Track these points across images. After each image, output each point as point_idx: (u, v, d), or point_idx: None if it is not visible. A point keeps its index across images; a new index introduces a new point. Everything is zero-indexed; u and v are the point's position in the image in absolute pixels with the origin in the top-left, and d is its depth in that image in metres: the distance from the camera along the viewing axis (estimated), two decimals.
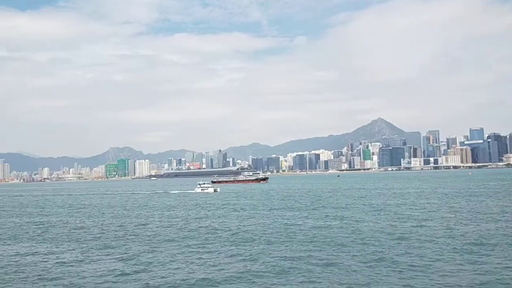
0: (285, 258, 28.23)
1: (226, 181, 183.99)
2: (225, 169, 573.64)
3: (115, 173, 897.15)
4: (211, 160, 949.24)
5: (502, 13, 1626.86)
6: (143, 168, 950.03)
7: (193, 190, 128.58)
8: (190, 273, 25.49)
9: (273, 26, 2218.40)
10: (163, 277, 24.71)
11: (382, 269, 24.88)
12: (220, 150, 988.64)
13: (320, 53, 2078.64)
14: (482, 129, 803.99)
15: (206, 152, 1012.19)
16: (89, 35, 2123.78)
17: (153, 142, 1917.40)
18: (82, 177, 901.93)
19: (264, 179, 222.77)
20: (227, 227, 44.83)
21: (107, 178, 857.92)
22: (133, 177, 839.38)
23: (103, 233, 43.39)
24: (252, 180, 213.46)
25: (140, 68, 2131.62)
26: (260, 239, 36.04)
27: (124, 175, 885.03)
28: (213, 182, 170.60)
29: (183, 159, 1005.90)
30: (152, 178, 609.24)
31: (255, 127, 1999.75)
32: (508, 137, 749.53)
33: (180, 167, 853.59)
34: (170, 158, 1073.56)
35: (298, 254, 29.59)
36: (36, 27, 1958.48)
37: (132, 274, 25.65)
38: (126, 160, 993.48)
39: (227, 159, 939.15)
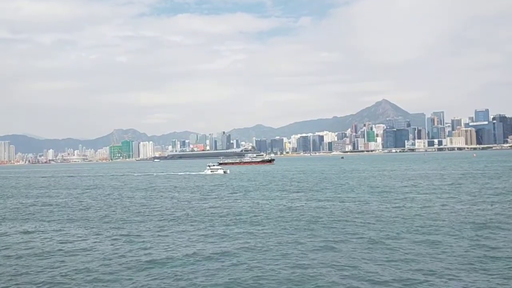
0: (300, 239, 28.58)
1: (232, 163, 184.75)
2: (229, 151, 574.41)
3: (119, 155, 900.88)
4: (215, 142, 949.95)
5: None
6: (147, 150, 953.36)
7: (203, 171, 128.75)
8: (192, 252, 25.88)
9: (277, 6, 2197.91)
10: (168, 257, 25.10)
11: (380, 251, 25.20)
12: (224, 132, 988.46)
13: (324, 34, 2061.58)
14: (487, 111, 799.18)
15: (210, 134, 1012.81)
16: (92, 16, 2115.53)
17: (157, 124, 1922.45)
18: (86, 159, 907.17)
19: (270, 160, 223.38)
20: (244, 208, 45.23)
21: (112, 160, 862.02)
22: (137, 159, 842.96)
23: (126, 213, 43.96)
24: (258, 162, 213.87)
25: (143, 49, 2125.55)
26: (273, 221, 36.42)
27: (128, 157, 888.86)
28: (219, 164, 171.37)
29: (187, 141, 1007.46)
30: (156, 160, 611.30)
31: (259, 108, 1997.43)
32: None
33: (184, 149, 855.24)
34: (174, 140, 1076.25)
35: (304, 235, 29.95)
36: (39, 9, 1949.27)
37: (135, 252, 26.08)
38: (130, 142, 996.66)
39: (231, 141, 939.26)
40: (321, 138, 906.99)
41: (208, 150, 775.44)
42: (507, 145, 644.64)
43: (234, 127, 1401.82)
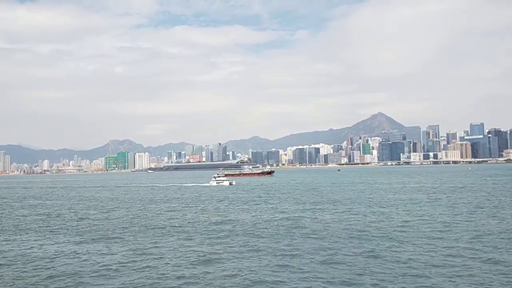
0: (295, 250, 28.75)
1: (232, 175, 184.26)
2: (225, 162, 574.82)
3: (114, 166, 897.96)
4: (211, 153, 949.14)
5: (508, 6, 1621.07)
6: (142, 160, 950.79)
7: (208, 183, 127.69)
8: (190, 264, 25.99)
9: (274, 19, 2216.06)
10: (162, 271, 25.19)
11: (374, 263, 25.41)
12: (220, 143, 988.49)
13: (321, 46, 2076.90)
14: (482, 124, 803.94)
15: (206, 145, 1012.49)
16: (90, 27, 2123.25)
17: (153, 135, 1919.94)
18: (82, 170, 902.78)
19: (270, 172, 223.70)
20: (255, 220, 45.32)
21: (107, 170, 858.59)
22: (132, 169, 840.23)
23: (126, 225, 43.92)
24: (258, 174, 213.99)
25: (140, 60, 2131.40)
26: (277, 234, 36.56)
27: (124, 168, 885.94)
28: (225, 175, 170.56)
29: (183, 152, 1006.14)
30: (149, 171, 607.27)
31: (255, 120, 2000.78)
32: (508, 132, 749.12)
33: (180, 160, 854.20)
34: (170, 151, 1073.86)
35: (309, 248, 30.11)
36: (38, 19, 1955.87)
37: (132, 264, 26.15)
38: (126, 153, 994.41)
39: (227, 152, 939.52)
40: (317, 150, 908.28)
41: (204, 161, 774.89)
42: (502, 159, 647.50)
43: (230, 139, 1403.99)
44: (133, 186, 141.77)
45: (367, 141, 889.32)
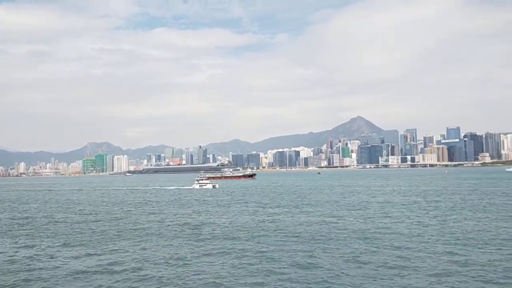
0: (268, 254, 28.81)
1: (214, 177, 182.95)
2: (205, 165, 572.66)
3: (92, 169, 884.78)
4: (191, 156, 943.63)
5: (485, 12, 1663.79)
6: (121, 163, 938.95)
7: (191, 186, 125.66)
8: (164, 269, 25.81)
9: (254, 22, 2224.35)
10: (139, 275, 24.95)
11: (351, 266, 25.68)
12: (200, 146, 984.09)
13: (301, 50, 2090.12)
14: (458, 128, 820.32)
15: (186, 148, 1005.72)
16: (69, 28, 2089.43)
17: (133, 137, 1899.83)
18: (59, 173, 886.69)
19: (251, 175, 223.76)
20: (233, 223, 45.15)
21: (85, 173, 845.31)
22: (111, 172, 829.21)
23: (118, 227, 43.23)
24: (240, 177, 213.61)
25: (120, 62, 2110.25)
26: (255, 235, 36.55)
27: (102, 171, 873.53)
28: (207, 178, 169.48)
29: (162, 155, 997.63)
30: (128, 174, 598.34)
31: (236, 123, 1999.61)
32: (484, 136, 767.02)
33: (159, 163, 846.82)
34: (149, 154, 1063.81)
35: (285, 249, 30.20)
36: (16, 20, 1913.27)
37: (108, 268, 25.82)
38: (104, 156, 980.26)
39: (207, 155, 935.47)
40: (297, 153, 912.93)
41: (184, 164, 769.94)
42: (478, 162, 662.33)
43: (211, 142, 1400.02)
44: (111, 189, 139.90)
45: (346, 144, 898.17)
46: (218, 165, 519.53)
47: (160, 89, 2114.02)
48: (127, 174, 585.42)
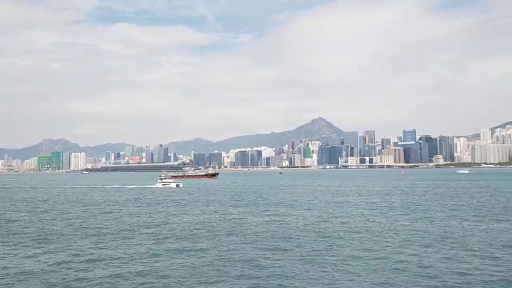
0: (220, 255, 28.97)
1: (176, 176, 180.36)
2: (165, 164, 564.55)
3: (48, 166, 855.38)
4: (152, 154, 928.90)
5: (440, 20, 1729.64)
6: (78, 161, 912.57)
7: (154, 185, 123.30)
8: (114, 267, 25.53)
9: (218, 21, 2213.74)
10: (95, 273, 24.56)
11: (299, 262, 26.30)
12: (161, 145, 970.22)
13: (264, 51, 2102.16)
14: (414, 131, 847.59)
15: (147, 147, 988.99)
16: (25, 20, 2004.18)
17: (91, 134, 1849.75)
18: (12, 169, 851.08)
19: (214, 174, 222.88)
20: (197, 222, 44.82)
21: (40, 171, 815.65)
22: (67, 170, 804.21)
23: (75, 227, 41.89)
24: (202, 176, 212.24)
25: (79, 57, 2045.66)
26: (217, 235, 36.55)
27: (58, 168, 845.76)
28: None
29: (122, 153, 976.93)
30: (84, 172, 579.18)
31: (198, 122, 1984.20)
32: (438, 139, 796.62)
33: (118, 161, 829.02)
34: (108, 151, 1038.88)
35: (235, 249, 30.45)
36: None
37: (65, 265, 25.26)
38: (61, 153, 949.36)
39: (168, 154, 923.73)
40: (259, 153, 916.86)
41: (144, 163, 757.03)
42: (432, 164, 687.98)
43: (172, 140, 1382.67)
44: (68, 187, 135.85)
45: (307, 145, 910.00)
46: (179, 164, 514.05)
47: (120, 86, 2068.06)
48: (84, 172, 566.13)
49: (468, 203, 63.06)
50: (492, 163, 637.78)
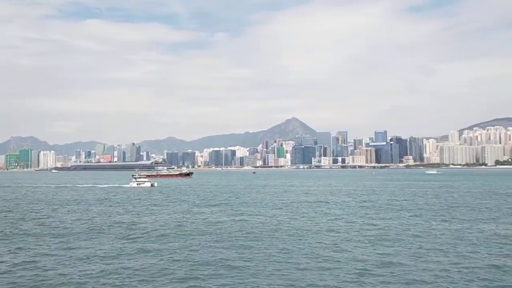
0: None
1: (149, 176, 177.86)
2: (138, 163, 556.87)
3: (16, 164, 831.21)
4: (124, 153, 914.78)
5: (411, 23, 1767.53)
6: (48, 159, 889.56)
7: (128, 184, 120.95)
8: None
9: (193, 19, 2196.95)
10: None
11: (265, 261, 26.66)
12: (133, 143, 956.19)
13: (239, 50, 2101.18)
14: (385, 132, 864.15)
15: (119, 145, 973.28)
16: None
17: (61, 132, 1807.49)
18: None
19: (188, 174, 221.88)
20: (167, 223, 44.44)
21: (7, 169, 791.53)
22: (36, 169, 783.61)
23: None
24: (176, 175, 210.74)
25: (49, 53, 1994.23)
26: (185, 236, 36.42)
27: (27, 167, 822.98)
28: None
29: (92, 151, 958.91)
30: (54, 171, 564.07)
31: (172, 121, 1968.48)
32: (408, 140, 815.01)
33: (89, 159, 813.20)
34: (78, 150, 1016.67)
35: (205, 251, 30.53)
36: None
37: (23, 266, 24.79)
38: (29, 151, 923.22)
39: (141, 153, 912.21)
40: (233, 152, 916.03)
41: (115, 161, 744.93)
42: (402, 164, 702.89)
43: (145, 139, 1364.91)
44: (37, 186, 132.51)
45: (281, 144, 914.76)
46: (152, 163, 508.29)
47: (92, 83, 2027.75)
48: (53, 171, 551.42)
49: (433, 202, 64.88)
50: (460, 164, 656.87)
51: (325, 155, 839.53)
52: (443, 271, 24.05)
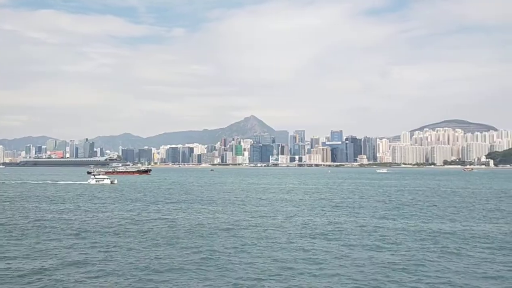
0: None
1: (105, 172, 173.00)
2: (91, 159, 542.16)
3: None
4: (76, 149, 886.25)
5: (368, 26, 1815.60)
6: None
7: (86, 181, 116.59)
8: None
9: (151, 13, 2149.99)
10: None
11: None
12: (87, 139, 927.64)
13: (197, 46, 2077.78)
14: (341, 132, 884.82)
15: (71, 141, 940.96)
16: None
17: (9, 126, 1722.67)
18: None
19: (147, 171, 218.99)
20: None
21: None
22: None
23: None
24: (134, 172, 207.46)
25: None
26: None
27: None
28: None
29: (44, 146, 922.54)
30: (1, 167, 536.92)
31: (127, 116, 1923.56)
32: (362, 140, 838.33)
33: (40, 155, 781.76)
34: (28, 145, 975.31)
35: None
36: None
37: None
38: None
39: (95, 149, 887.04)
40: (191, 150, 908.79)
41: (68, 158, 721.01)
42: (357, 163, 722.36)
43: (99, 135, 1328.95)
44: None
45: (239, 142, 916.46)
46: (106, 160, 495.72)
47: (43, 76, 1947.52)
48: (0, 167, 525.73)
49: (378, 199, 67.54)
50: (411, 164, 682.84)
51: (282, 153, 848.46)
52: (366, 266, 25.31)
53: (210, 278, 22.87)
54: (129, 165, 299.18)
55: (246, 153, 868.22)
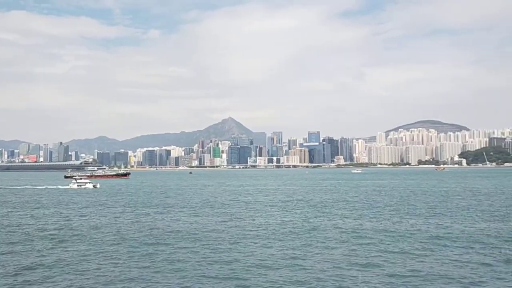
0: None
1: (87, 176, 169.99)
2: (66, 163, 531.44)
3: None
4: (51, 153, 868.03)
5: (343, 27, 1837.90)
6: None
7: (67, 185, 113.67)
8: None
9: (126, 15, 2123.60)
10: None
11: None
12: (61, 143, 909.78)
13: (173, 48, 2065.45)
14: (318, 133, 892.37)
15: (45, 144, 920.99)
16: None
17: None
18: None
19: (126, 174, 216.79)
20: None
21: None
22: None
23: None
24: (113, 176, 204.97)
25: None
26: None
27: None
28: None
29: (16, 151, 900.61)
30: None
31: (102, 119, 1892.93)
32: (339, 141, 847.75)
33: (12, 159, 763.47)
34: (0, 149, 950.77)
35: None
36: None
37: None
38: None
39: (69, 153, 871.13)
40: (168, 152, 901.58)
41: (41, 162, 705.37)
42: (334, 164, 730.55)
43: (73, 138, 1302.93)
44: None
45: (217, 144, 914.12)
46: (81, 163, 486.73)
47: (15, 78, 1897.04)
48: None
49: (347, 199, 69.30)
50: (386, 164, 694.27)
51: (260, 155, 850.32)
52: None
53: (188, 276, 23.58)
54: (105, 168, 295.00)
55: (224, 155, 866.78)
